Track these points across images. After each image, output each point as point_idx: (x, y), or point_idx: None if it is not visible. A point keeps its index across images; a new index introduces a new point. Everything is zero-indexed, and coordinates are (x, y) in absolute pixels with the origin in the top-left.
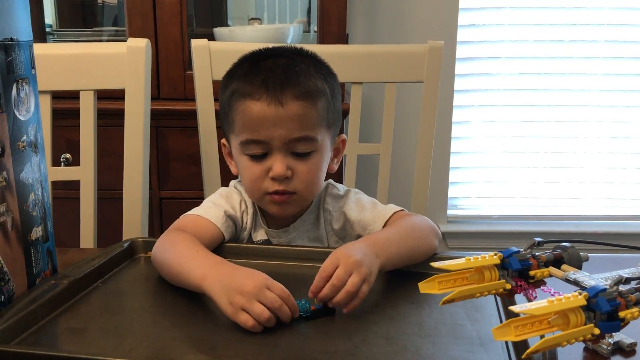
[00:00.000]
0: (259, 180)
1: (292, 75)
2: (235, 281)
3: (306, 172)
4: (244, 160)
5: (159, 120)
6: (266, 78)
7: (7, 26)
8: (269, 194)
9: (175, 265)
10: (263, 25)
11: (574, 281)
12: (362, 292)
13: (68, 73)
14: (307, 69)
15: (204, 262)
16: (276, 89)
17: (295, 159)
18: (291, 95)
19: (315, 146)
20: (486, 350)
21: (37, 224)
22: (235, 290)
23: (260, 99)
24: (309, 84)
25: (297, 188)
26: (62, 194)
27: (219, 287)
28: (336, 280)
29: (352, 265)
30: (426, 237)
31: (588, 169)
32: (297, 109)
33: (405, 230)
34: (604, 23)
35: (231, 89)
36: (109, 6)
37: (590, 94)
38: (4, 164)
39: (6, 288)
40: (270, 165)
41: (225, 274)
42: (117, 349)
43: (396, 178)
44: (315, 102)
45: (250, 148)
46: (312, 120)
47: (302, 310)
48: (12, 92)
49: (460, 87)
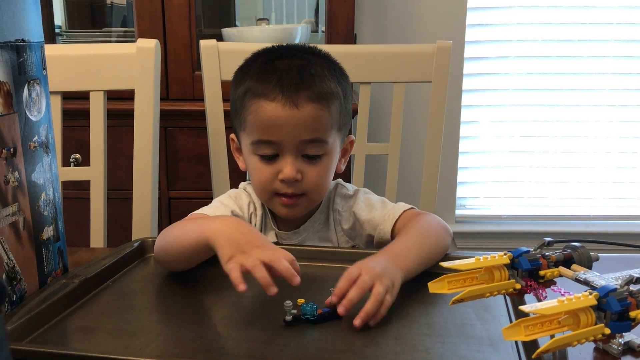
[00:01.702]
0: (268, 182)
1: (307, 77)
2: (241, 237)
3: (316, 175)
4: (254, 161)
5: (168, 120)
6: (281, 79)
7: (19, 27)
8: (278, 196)
9: (181, 234)
10: (271, 25)
11: (584, 281)
12: (387, 301)
13: (78, 74)
14: (322, 71)
15: (210, 220)
16: (291, 91)
17: (305, 162)
18: (306, 98)
19: (326, 149)
20: (496, 350)
21: (48, 224)
22: (239, 246)
23: (275, 99)
24: (324, 87)
25: (306, 190)
26: (72, 194)
27: (224, 239)
28: (362, 284)
29: (375, 276)
30: (441, 238)
31: (598, 168)
32: (310, 111)
33: (422, 235)
34: (614, 22)
35: (244, 87)
36: (118, 7)
37: (599, 94)
38: (16, 165)
39: (18, 287)
40: (281, 168)
41: (232, 226)
42: (128, 348)
43: (404, 178)
44: (329, 105)
45: (261, 148)
46: (324, 123)
47: (308, 313)
48: (24, 93)
49: (468, 86)
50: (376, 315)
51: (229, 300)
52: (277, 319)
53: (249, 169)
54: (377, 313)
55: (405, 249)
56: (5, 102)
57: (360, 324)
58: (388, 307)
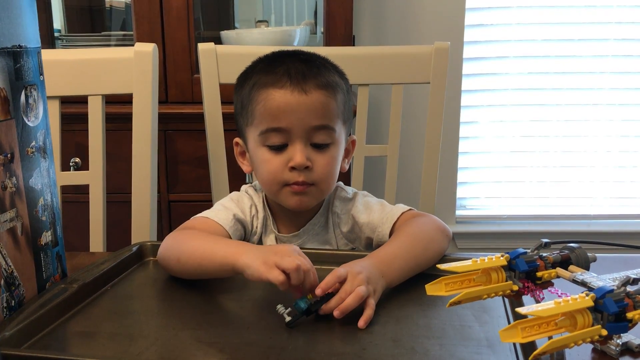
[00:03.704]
0: (278, 172)
1: (313, 67)
2: (271, 248)
3: (325, 164)
4: (262, 153)
5: (167, 123)
6: (288, 68)
7: (16, 33)
8: (289, 185)
9: (200, 251)
10: (270, 27)
11: (582, 282)
12: (371, 304)
13: (76, 78)
14: (325, 64)
15: (234, 243)
16: (299, 78)
17: (314, 150)
18: (313, 84)
19: (333, 138)
20: (494, 351)
21: (46, 229)
22: (271, 251)
23: (284, 86)
24: (329, 76)
25: (315, 180)
26: (71, 198)
27: (253, 253)
28: (343, 293)
29: (359, 281)
30: (434, 242)
31: (598, 168)
32: (319, 97)
33: (411, 240)
34: (613, 21)
35: (252, 82)
36: (117, 10)
37: (599, 93)
38: (14, 170)
39: (16, 292)
40: (290, 156)
41: (261, 248)
42: (127, 352)
43: (404, 179)
44: (335, 94)
45: (270, 137)
46: (332, 110)
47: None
48: (21, 99)
49: (468, 87)
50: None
51: (227, 304)
52: (275, 323)
53: (257, 163)
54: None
55: (392, 256)
56: (2, 108)
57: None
58: (374, 308)
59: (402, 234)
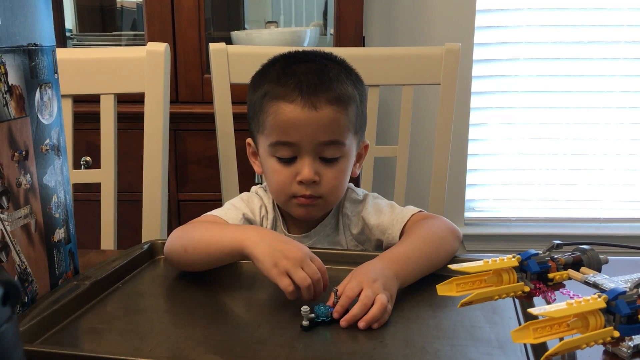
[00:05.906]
0: (286, 184)
1: (326, 80)
2: (282, 245)
3: (333, 177)
4: (272, 163)
5: (178, 123)
6: (300, 81)
7: (31, 32)
8: (296, 197)
9: (207, 237)
10: (280, 28)
11: (594, 284)
12: (388, 309)
13: (89, 77)
14: (339, 75)
15: (242, 228)
16: (310, 93)
17: (322, 164)
18: (324, 100)
19: (343, 152)
20: (505, 352)
21: (59, 226)
22: (282, 254)
23: (294, 101)
24: (342, 89)
25: (323, 193)
26: (82, 197)
27: (265, 247)
28: (366, 300)
29: (376, 289)
30: (445, 243)
31: (608, 170)
32: (329, 113)
33: (423, 241)
34: (624, 24)
35: (263, 90)
36: (128, 10)
37: (609, 96)
38: (28, 167)
39: (29, 289)
40: (299, 169)
41: (270, 236)
42: (138, 349)
43: (413, 180)
44: (347, 108)
45: (279, 150)
46: (342, 125)
47: (323, 315)
48: (36, 97)
49: (478, 89)
50: (380, 320)
51: (238, 302)
52: (287, 322)
53: (267, 172)
54: (382, 318)
55: (404, 256)
56: (18, 106)
57: (364, 326)
58: (389, 313)
59: (413, 235)
